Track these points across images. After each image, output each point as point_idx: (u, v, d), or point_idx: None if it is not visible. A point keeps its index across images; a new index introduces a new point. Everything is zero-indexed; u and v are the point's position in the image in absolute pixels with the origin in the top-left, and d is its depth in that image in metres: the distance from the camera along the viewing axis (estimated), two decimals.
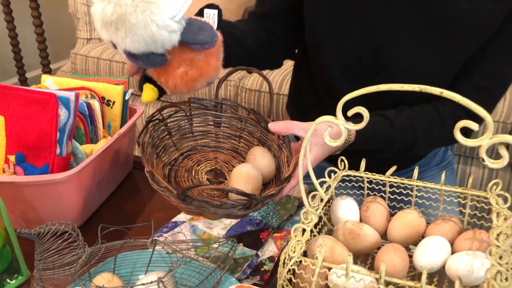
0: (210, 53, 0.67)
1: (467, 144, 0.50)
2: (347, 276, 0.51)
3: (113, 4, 0.58)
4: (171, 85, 0.67)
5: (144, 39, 0.59)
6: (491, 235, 0.54)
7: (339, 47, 0.87)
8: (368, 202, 0.72)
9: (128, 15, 0.58)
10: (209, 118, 0.81)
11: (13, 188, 0.76)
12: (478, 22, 0.79)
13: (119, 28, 0.59)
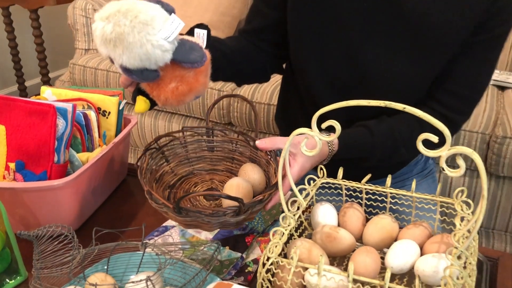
0: (199, 71, 0.72)
1: (428, 154, 0.55)
2: (319, 275, 0.55)
3: (113, 24, 0.63)
4: (163, 98, 0.72)
5: (139, 57, 0.65)
6: (452, 237, 0.59)
7: (321, 63, 0.91)
8: (345, 207, 0.77)
9: (126, 35, 0.63)
10: (203, 144, 0.86)
11: (13, 194, 0.80)
12: (450, 31, 0.83)
13: (117, 45, 0.64)
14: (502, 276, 0.73)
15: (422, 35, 0.84)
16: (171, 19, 0.65)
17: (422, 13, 0.82)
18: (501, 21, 0.83)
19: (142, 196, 0.99)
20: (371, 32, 0.86)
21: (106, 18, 0.64)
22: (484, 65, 0.88)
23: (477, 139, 1.32)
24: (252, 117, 1.64)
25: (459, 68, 0.88)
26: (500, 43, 0.86)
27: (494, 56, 0.88)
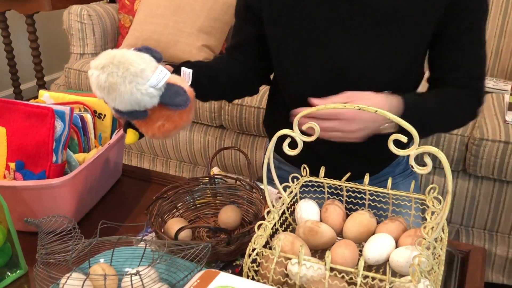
0: (184, 111, 0.78)
1: (398, 153, 0.60)
2: (300, 264, 0.60)
3: (106, 74, 0.70)
4: (150, 134, 0.79)
5: (130, 102, 0.72)
6: (422, 229, 0.64)
7: (301, 68, 0.95)
8: (327, 204, 0.81)
9: (118, 85, 0.70)
10: (207, 192, 0.93)
11: (13, 192, 0.84)
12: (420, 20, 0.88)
13: (110, 93, 0.71)
14: (472, 268, 0.78)
15: (394, 28, 0.88)
16: (159, 69, 0.72)
17: (391, 7, 0.87)
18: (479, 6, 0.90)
19: (135, 195, 1.03)
20: (346, 32, 0.90)
21: (101, 68, 0.70)
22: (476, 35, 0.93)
23: (456, 141, 1.37)
24: (243, 122, 1.68)
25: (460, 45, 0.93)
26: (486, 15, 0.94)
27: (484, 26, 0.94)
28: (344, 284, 0.59)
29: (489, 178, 1.39)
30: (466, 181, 1.42)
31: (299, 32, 0.93)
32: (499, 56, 1.83)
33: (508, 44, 1.80)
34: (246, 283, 0.54)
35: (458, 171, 1.43)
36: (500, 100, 1.56)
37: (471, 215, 1.45)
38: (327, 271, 0.58)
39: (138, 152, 2.00)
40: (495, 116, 1.42)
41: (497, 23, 1.81)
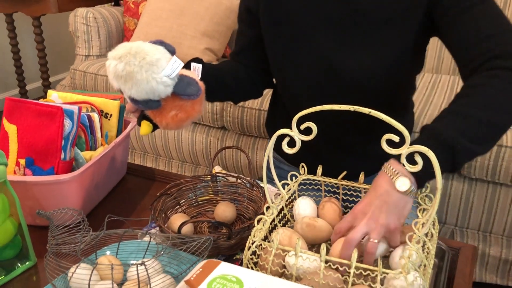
0: (196, 101, 0.83)
1: (390, 152, 0.63)
2: (296, 255, 0.63)
3: (124, 63, 0.74)
4: (164, 123, 0.84)
5: (145, 91, 0.76)
6: (413, 225, 0.67)
7: (296, 69, 0.99)
8: (324, 201, 0.84)
9: (135, 73, 0.74)
10: (209, 189, 0.97)
11: (24, 187, 0.87)
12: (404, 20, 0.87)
13: (127, 81, 0.76)
14: (462, 264, 0.81)
15: (378, 30, 0.90)
16: (173, 60, 0.77)
17: (374, 11, 0.89)
18: None
19: (140, 192, 1.07)
20: (336, 34, 0.93)
21: (119, 58, 0.75)
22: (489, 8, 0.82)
23: None
24: (245, 123, 1.71)
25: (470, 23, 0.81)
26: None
27: None
28: (338, 275, 0.63)
29: (483, 180, 1.42)
30: (461, 183, 1.45)
31: (292, 35, 0.97)
32: None
33: None
34: (246, 272, 0.57)
35: (453, 173, 1.46)
36: None
37: (466, 216, 1.48)
38: (322, 262, 0.62)
39: (141, 152, 2.03)
40: None
41: None
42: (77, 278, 0.69)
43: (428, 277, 0.65)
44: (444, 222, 1.52)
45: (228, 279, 0.56)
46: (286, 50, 0.99)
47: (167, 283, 0.70)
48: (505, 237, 1.46)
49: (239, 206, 0.94)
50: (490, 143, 0.77)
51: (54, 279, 0.69)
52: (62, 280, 0.71)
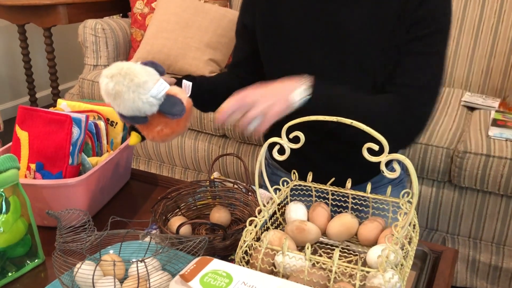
0: (181, 118, 0.88)
1: (370, 159, 0.68)
2: (283, 254, 0.68)
3: (114, 83, 0.80)
4: (150, 137, 0.90)
5: (132, 109, 0.82)
6: (393, 228, 0.72)
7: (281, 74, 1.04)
8: (314, 206, 0.89)
9: (123, 93, 0.80)
10: (207, 194, 1.01)
11: (34, 189, 0.93)
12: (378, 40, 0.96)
13: (116, 99, 0.82)
14: (443, 266, 0.85)
15: (358, 44, 0.98)
16: (160, 82, 0.83)
17: (357, 32, 0.97)
18: (431, 20, 0.94)
19: (142, 196, 1.12)
20: (324, 48, 1.01)
21: (110, 77, 0.81)
22: (430, 59, 0.95)
23: (442, 153, 1.45)
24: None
25: (407, 62, 0.96)
26: (439, 38, 0.95)
27: (438, 49, 0.96)
28: (321, 272, 0.67)
29: (472, 189, 1.46)
30: (451, 191, 1.49)
31: (285, 50, 1.04)
32: (490, 74, 1.90)
33: (498, 63, 1.88)
34: (235, 268, 0.62)
35: (444, 182, 1.50)
36: (487, 116, 1.63)
37: (456, 224, 1.52)
38: (307, 261, 0.66)
39: (146, 159, 2.09)
40: (479, 130, 1.50)
41: (487, 43, 1.89)
42: (82, 274, 0.74)
43: (406, 276, 0.69)
44: (436, 229, 1.56)
45: (219, 273, 0.61)
46: (280, 64, 1.05)
47: (164, 279, 0.75)
48: (494, 244, 1.50)
49: (235, 210, 0.99)
50: None
51: (61, 274, 0.74)
52: (69, 276, 0.76)
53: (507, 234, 1.47)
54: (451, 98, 1.80)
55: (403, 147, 1.14)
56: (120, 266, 0.77)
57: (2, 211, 0.81)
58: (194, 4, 2.18)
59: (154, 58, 2.11)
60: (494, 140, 1.43)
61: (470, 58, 1.92)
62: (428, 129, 1.53)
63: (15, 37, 2.81)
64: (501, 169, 1.37)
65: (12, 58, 2.99)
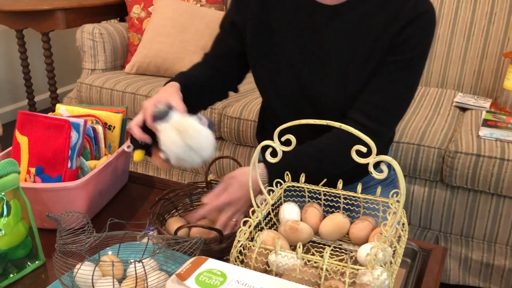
0: None
1: (359, 161, 0.70)
2: (276, 253, 0.70)
3: (180, 137, 0.86)
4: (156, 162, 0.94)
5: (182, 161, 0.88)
6: (382, 226, 0.74)
7: (276, 88, 1.09)
8: (307, 206, 0.91)
9: (186, 151, 0.86)
10: (204, 194, 1.03)
11: (34, 193, 0.95)
12: (362, 61, 1.01)
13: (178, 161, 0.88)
14: (432, 263, 0.88)
15: (342, 63, 1.02)
16: (215, 145, 0.90)
17: (341, 47, 1.02)
18: (410, 47, 0.99)
19: (140, 198, 1.14)
20: (309, 61, 1.05)
21: (177, 130, 0.85)
22: (402, 82, 1.01)
23: (434, 153, 1.47)
24: (241, 134, 1.79)
25: (379, 83, 1.01)
26: (415, 64, 1.01)
27: (412, 75, 1.02)
28: (312, 270, 0.70)
29: (464, 188, 1.48)
30: (443, 191, 1.52)
31: (273, 58, 1.07)
32: (481, 75, 1.93)
33: (489, 64, 1.91)
34: (229, 267, 0.64)
35: (437, 181, 1.52)
36: (478, 116, 1.66)
37: (449, 222, 1.54)
38: (299, 260, 0.69)
39: (143, 161, 2.11)
40: (470, 131, 1.52)
41: (479, 45, 1.92)
42: (81, 275, 0.76)
43: (394, 273, 0.71)
44: (429, 228, 1.58)
45: (214, 272, 0.63)
46: (269, 72, 1.09)
47: (162, 279, 0.77)
48: (486, 242, 1.52)
49: None
50: None
51: (62, 275, 0.76)
52: (69, 277, 0.78)
53: (497, 232, 1.49)
54: (443, 99, 1.82)
55: None
56: (118, 266, 0.79)
57: (3, 214, 0.83)
58: (190, 8, 2.21)
59: (151, 62, 2.13)
60: (485, 140, 1.45)
61: (462, 59, 1.95)
62: (420, 129, 1.55)
63: (13, 42, 2.83)
64: (491, 169, 1.40)
65: (10, 62, 3.01)
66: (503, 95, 1.74)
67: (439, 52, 1.97)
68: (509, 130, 1.50)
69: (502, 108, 1.73)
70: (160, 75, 2.16)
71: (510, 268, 1.50)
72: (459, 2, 1.94)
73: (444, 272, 1.57)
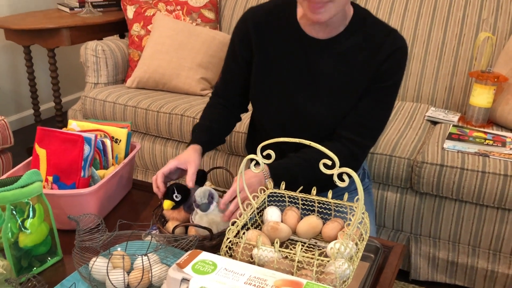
0: None
1: (326, 172, 0.84)
2: (258, 248, 0.84)
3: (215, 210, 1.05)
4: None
5: None
6: (345, 225, 0.88)
7: (268, 107, 1.24)
8: (287, 210, 1.05)
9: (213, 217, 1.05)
10: None
11: (52, 198, 1.08)
12: (349, 87, 1.17)
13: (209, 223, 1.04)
14: (392, 258, 1.02)
15: (332, 88, 1.18)
16: None
17: (331, 74, 1.18)
18: (390, 76, 1.16)
19: (143, 203, 1.28)
20: (303, 88, 1.20)
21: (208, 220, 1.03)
22: (384, 105, 1.19)
23: (404, 163, 1.62)
24: (233, 144, 1.93)
25: (366, 106, 1.18)
26: (394, 90, 1.19)
27: (391, 98, 1.20)
28: (287, 261, 0.84)
29: (430, 194, 1.63)
30: (413, 197, 1.66)
31: (270, 83, 1.23)
32: (452, 91, 2.08)
33: (459, 81, 2.06)
34: (219, 258, 0.78)
35: (407, 188, 1.67)
36: (446, 129, 1.81)
37: (418, 225, 1.68)
38: (276, 253, 0.83)
39: (143, 169, 2.24)
40: (437, 143, 1.67)
41: (450, 63, 2.07)
42: (96, 267, 0.90)
43: (355, 264, 0.85)
44: (402, 230, 1.72)
45: (207, 262, 0.77)
46: (265, 93, 1.24)
47: (163, 270, 0.91)
48: (451, 242, 1.67)
49: None
50: None
51: (80, 267, 0.90)
52: (85, 269, 0.92)
53: (460, 233, 1.64)
54: (417, 113, 1.97)
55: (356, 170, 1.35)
56: (127, 260, 0.93)
57: (29, 216, 0.97)
58: (187, 27, 2.35)
59: (150, 77, 2.27)
60: (448, 151, 1.60)
61: (435, 76, 2.09)
62: (393, 141, 1.70)
63: (19, 55, 2.96)
64: (453, 177, 1.54)
65: (16, 74, 3.14)
66: (469, 110, 1.89)
67: (414, 69, 2.12)
68: (470, 143, 1.65)
69: (468, 121, 1.88)
70: (158, 89, 2.30)
71: (472, 266, 1.65)
72: (432, 24, 2.10)
73: (415, 269, 1.71)
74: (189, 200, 1.07)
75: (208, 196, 1.03)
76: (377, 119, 1.20)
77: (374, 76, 1.16)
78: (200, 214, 1.03)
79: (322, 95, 1.19)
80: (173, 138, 2.07)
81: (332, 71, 1.18)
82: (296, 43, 1.20)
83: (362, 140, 1.19)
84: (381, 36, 1.16)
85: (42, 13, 2.83)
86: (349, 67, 1.17)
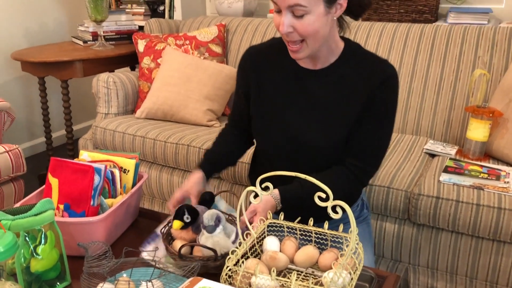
0: None
1: (321, 205, 0.89)
2: (255, 275, 0.88)
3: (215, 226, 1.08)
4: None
5: None
6: (339, 256, 0.92)
7: (269, 138, 1.30)
8: (285, 239, 1.10)
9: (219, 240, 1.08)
10: None
11: (63, 225, 1.13)
12: (343, 113, 1.22)
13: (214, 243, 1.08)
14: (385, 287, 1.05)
15: (328, 113, 1.24)
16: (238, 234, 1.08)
17: (326, 102, 1.24)
18: (384, 102, 1.22)
19: (149, 230, 1.32)
20: (298, 112, 1.27)
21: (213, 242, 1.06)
22: (383, 130, 1.24)
23: (401, 195, 1.65)
24: (237, 174, 1.98)
25: (366, 132, 1.23)
26: (390, 114, 1.24)
27: (389, 123, 1.25)
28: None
29: (427, 225, 1.66)
30: (410, 228, 1.69)
31: (270, 114, 1.30)
32: (450, 125, 2.13)
33: (456, 115, 2.11)
34: (219, 285, 0.83)
35: (405, 219, 1.70)
36: (443, 162, 1.85)
37: (416, 255, 1.71)
38: (273, 281, 0.87)
39: (150, 197, 2.29)
40: (434, 176, 1.71)
41: (448, 97, 2.13)
42: None
43: None
44: (400, 260, 1.75)
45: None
46: (265, 124, 1.31)
47: None
48: (448, 273, 1.69)
49: None
50: None
51: None
52: None
53: (457, 264, 1.66)
54: (416, 146, 2.02)
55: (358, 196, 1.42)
56: (132, 286, 0.97)
57: (41, 242, 1.01)
58: (195, 61, 2.43)
59: (159, 108, 2.34)
60: (444, 184, 1.64)
61: (433, 110, 2.15)
62: (391, 173, 1.74)
63: (33, 84, 3.07)
64: (449, 209, 1.58)
65: (30, 103, 3.24)
66: (466, 143, 1.93)
67: (413, 103, 2.18)
68: (465, 176, 1.69)
69: (465, 155, 1.92)
70: (167, 120, 2.37)
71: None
72: (430, 60, 2.16)
73: None
74: (197, 221, 1.12)
75: (215, 219, 1.08)
76: (380, 144, 1.25)
77: (369, 102, 1.21)
78: (206, 235, 1.07)
79: (318, 122, 1.25)
80: (179, 167, 2.13)
81: (327, 99, 1.24)
82: (292, 75, 1.28)
83: (365, 165, 1.24)
84: (372, 64, 1.23)
85: (57, 45, 2.95)
86: (343, 94, 1.23)
